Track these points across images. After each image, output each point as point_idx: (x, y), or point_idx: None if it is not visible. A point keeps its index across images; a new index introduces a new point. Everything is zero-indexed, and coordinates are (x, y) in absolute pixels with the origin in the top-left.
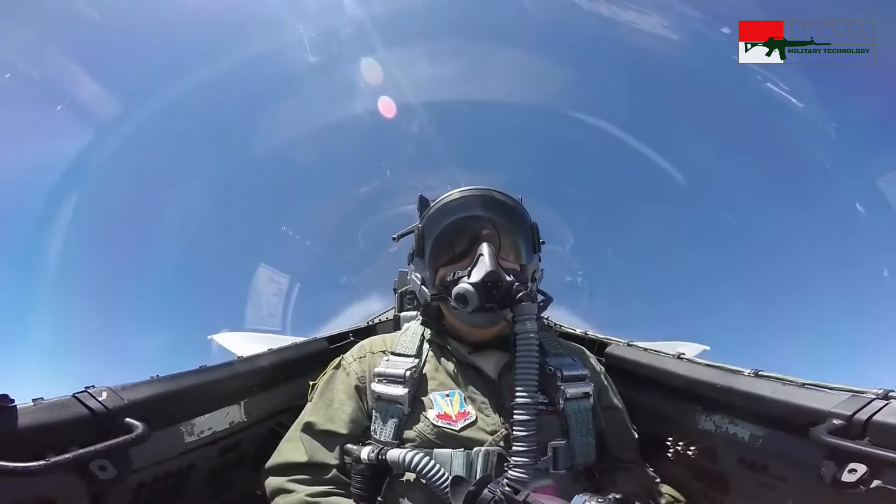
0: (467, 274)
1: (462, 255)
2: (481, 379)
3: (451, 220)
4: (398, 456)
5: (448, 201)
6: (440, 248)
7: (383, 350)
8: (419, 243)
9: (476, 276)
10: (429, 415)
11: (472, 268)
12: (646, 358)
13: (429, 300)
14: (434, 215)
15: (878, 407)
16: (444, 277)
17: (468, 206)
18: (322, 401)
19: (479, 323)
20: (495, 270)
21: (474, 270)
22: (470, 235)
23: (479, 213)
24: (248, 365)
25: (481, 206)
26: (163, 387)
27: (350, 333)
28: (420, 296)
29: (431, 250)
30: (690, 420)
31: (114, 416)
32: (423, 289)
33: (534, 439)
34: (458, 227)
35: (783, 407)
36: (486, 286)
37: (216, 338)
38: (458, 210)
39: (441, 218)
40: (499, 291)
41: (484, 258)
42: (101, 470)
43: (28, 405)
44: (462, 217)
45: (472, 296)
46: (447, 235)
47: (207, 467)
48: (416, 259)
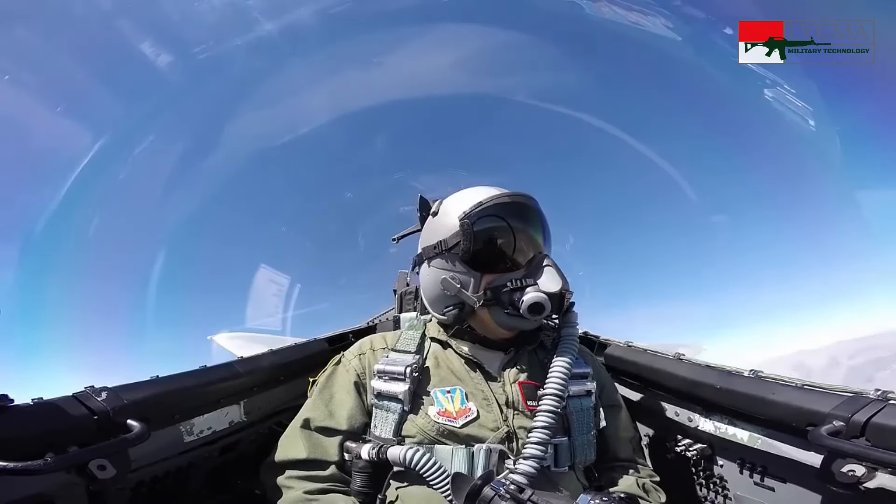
0: (535, 283)
1: (516, 264)
2: (484, 376)
3: (507, 225)
4: (398, 453)
5: (497, 204)
6: (495, 253)
7: (384, 347)
8: (466, 244)
9: (553, 287)
10: (429, 411)
11: (538, 278)
12: (645, 359)
13: (476, 305)
14: (485, 217)
15: (877, 409)
16: (493, 283)
17: (521, 214)
18: (322, 397)
19: (525, 327)
20: (566, 282)
21: (544, 280)
22: (528, 244)
23: (531, 222)
24: (247, 365)
25: (531, 214)
26: (162, 387)
27: (350, 334)
28: (453, 298)
29: (483, 254)
30: (690, 421)
31: (113, 415)
32: (463, 292)
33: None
34: (517, 234)
35: (782, 408)
36: (561, 297)
37: (216, 338)
38: (511, 215)
39: (494, 221)
40: (566, 302)
41: (552, 269)
42: (100, 469)
43: (28, 405)
44: (519, 224)
45: (548, 305)
46: (506, 241)
47: (207, 467)
48: (445, 259)
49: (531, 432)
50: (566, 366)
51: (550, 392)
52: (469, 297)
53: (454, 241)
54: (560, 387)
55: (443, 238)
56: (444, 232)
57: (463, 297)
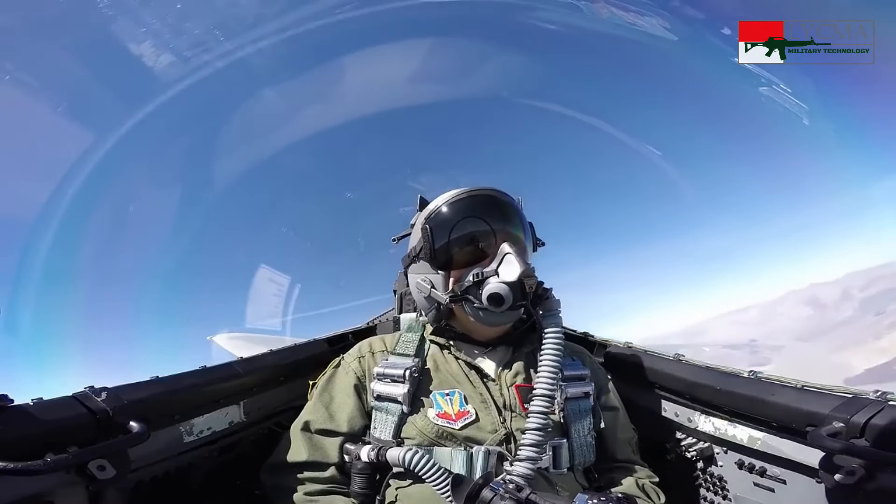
0: (495, 273)
1: (480, 257)
2: (482, 378)
3: (463, 220)
4: (398, 455)
5: (455, 201)
6: (454, 250)
7: (383, 350)
8: (427, 245)
9: (510, 275)
10: (428, 414)
11: (498, 266)
12: (645, 360)
13: (445, 303)
14: (442, 217)
15: (876, 409)
16: (460, 279)
17: (477, 207)
18: (322, 400)
19: (499, 322)
20: (529, 267)
21: (503, 269)
22: (486, 236)
23: (491, 213)
24: (247, 366)
25: (491, 206)
26: (162, 387)
27: (350, 335)
28: (428, 300)
29: (443, 252)
30: (690, 421)
31: (113, 416)
32: (434, 292)
33: (543, 434)
34: (473, 227)
35: (782, 409)
36: (521, 284)
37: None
38: (467, 210)
39: (450, 219)
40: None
41: (512, 256)
42: (99, 470)
43: (28, 405)
44: (475, 217)
45: (507, 295)
46: (462, 237)
47: (206, 467)
48: (418, 263)
49: (524, 434)
50: (553, 364)
51: (538, 393)
52: (440, 295)
53: (420, 246)
54: (548, 388)
55: (413, 245)
56: (414, 239)
57: (434, 296)
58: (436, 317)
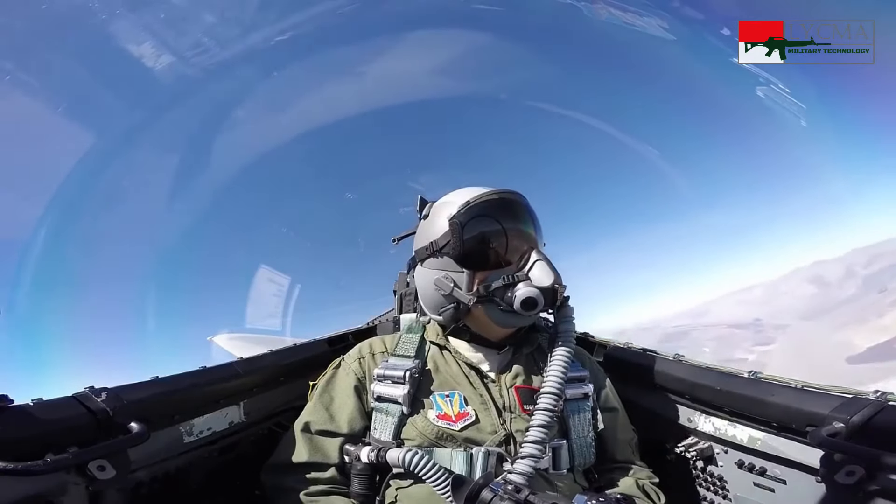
0: (526, 278)
1: (507, 260)
2: (482, 379)
3: (498, 221)
4: (398, 456)
5: (485, 201)
6: (488, 250)
7: (383, 351)
8: (456, 242)
9: (544, 281)
10: (428, 415)
11: (529, 271)
12: (645, 360)
13: (469, 303)
14: (474, 215)
15: (876, 409)
16: (485, 280)
17: (509, 210)
18: (322, 400)
19: (519, 324)
20: (559, 276)
21: (536, 274)
22: (518, 239)
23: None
24: (247, 366)
25: (521, 211)
26: (162, 387)
27: (350, 335)
28: (448, 298)
29: (475, 251)
30: (690, 421)
31: (113, 416)
32: (457, 291)
33: (547, 432)
34: (509, 228)
35: (782, 409)
36: (554, 291)
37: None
38: (499, 212)
39: (484, 218)
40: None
41: (543, 263)
42: (99, 470)
43: (28, 405)
44: (509, 220)
45: (540, 299)
46: (495, 237)
47: (206, 467)
48: (440, 258)
49: (528, 431)
50: (564, 364)
51: (548, 391)
52: (463, 295)
53: (445, 241)
54: (558, 386)
55: (434, 239)
56: (434, 233)
57: (457, 295)
58: (454, 316)
